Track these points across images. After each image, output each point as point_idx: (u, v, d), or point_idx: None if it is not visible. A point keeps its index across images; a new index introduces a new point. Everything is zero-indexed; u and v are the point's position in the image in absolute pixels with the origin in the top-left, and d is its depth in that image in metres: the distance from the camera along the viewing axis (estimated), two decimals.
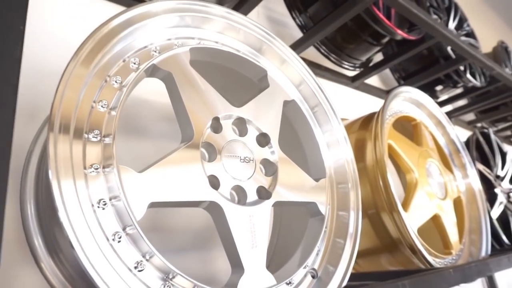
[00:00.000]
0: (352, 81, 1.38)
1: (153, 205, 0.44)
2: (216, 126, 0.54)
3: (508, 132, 2.29)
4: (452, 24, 1.62)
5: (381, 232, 0.83)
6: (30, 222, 0.52)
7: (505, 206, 1.33)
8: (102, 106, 0.45)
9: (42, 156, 0.54)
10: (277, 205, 0.56)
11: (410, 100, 1.02)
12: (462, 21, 1.71)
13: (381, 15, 1.02)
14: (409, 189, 0.87)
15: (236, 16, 0.62)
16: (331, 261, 0.60)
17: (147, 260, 0.42)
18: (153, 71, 0.51)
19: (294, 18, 1.16)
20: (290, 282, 0.53)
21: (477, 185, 1.09)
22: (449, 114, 1.95)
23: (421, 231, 0.83)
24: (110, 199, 0.41)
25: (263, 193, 0.56)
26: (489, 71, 1.44)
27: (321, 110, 0.71)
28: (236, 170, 0.54)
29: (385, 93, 1.54)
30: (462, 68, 1.45)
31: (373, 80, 1.57)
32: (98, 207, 0.40)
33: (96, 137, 0.43)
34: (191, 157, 0.49)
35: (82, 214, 0.38)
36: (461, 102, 1.99)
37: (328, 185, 0.65)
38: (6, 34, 0.34)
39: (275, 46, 0.68)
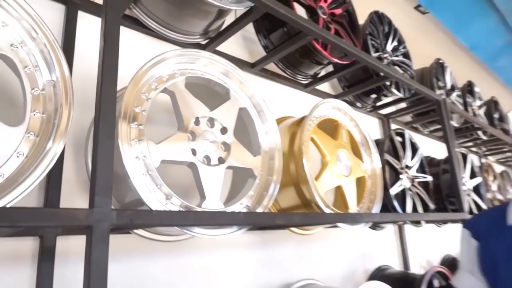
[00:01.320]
0: (305, 87, 1.82)
1: (163, 161, 0.87)
2: (197, 121, 0.98)
3: (440, 133, 2.79)
4: (389, 46, 2.07)
5: (300, 195, 1.29)
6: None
7: (408, 188, 1.82)
8: (139, 110, 0.87)
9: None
10: (229, 168, 1.01)
11: (335, 107, 1.47)
12: (399, 44, 2.16)
13: (318, 47, 1.46)
14: (322, 167, 1.33)
15: (215, 56, 1.05)
16: (258, 202, 1.05)
17: (158, 188, 0.85)
18: (163, 90, 0.94)
19: (259, 40, 1.58)
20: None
21: (379, 170, 1.57)
22: (390, 115, 2.43)
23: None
24: (143, 156, 0.85)
25: (221, 160, 1.00)
26: (409, 86, 1.91)
27: (263, 112, 1.15)
28: (206, 147, 0.98)
29: (332, 97, 1.99)
30: (388, 83, 1.91)
31: (325, 86, 2.02)
32: (138, 159, 0.83)
33: (135, 126, 0.86)
34: (182, 138, 0.93)
35: (130, 162, 0.81)
36: (403, 105, 2.47)
37: (262, 159, 1.10)
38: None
39: (236, 73, 1.11)
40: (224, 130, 1.03)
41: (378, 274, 1.89)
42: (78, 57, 1.07)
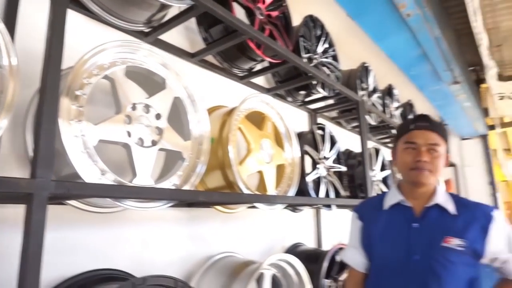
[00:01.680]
0: (240, 79, 1.98)
1: (100, 141, 0.99)
2: (134, 107, 1.10)
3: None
4: (320, 48, 2.30)
5: (225, 177, 1.46)
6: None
7: (324, 176, 2.09)
8: (80, 92, 0.97)
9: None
10: (161, 150, 1.15)
11: (263, 102, 1.66)
12: (330, 46, 2.40)
13: (253, 46, 1.62)
14: (246, 154, 1.52)
15: (154, 49, 1.17)
16: (186, 181, 1.21)
17: (94, 164, 0.97)
18: (104, 77, 1.04)
19: (200, 32, 1.71)
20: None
21: (298, 159, 1.80)
22: (318, 110, 2.69)
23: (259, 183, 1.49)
24: (82, 135, 0.95)
25: (154, 143, 1.14)
26: (332, 87, 2.16)
27: (196, 102, 1.30)
28: (141, 130, 1.10)
29: (265, 90, 2.18)
30: (315, 82, 2.14)
31: (260, 80, 2.20)
32: (77, 137, 0.94)
33: (76, 107, 0.96)
34: (119, 121, 1.04)
35: (69, 139, 0.92)
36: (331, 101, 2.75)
37: (192, 144, 1.25)
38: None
39: (173, 65, 1.23)
40: (158, 116, 1.16)
41: (293, 249, 2.15)
42: (19, 33, 1.12)
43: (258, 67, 2.05)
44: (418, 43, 2.35)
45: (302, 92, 2.30)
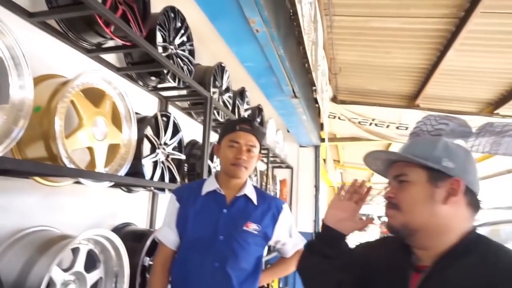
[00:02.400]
0: (88, 52, 1.92)
1: None
2: None
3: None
4: (178, 40, 2.40)
5: (48, 149, 1.42)
6: None
7: (162, 162, 2.19)
8: None
9: None
10: None
11: (105, 80, 1.67)
12: (188, 40, 2.53)
13: (101, 22, 1.62)
14: (76, 128, 1.51)
15: None
16: None
17: None
18: None
19: None
20: None
21: (135, 141, 1.85)
22: (170, 98, 2.78)
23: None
24: None
25: None
26: (182, 78, 2.29)
27: (22, 66, 1.23)
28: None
29: (115, 69, 2.16)
30: (166, 71, 2.23)
31: (111, 57, 2.16)
32: None
33: None
34: None
35: None
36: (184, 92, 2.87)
37: (10, 109, 1.19)
38: None
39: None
40: None
41: (121, 228, 2.20)
42: None
43: (111, 43, 2.02)
44: (266, 56, 2.68)
45: (154, 78, 2.36)
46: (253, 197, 1.63)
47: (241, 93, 3.63)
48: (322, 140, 6.54)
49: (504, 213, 9.51)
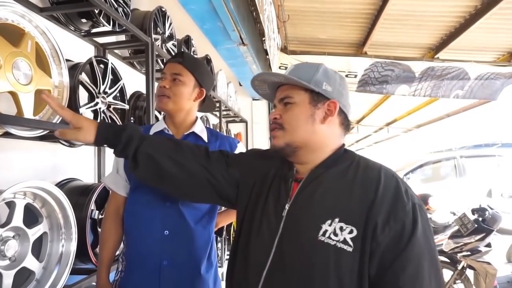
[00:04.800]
0: None
1: None
2: None
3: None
4: None
5: None
6: None
7: (103, 111, 2.06)
8: None
9: None
10: None
11: (20, 15, 1.48)
12: None
13: None
14: None
15: None
16: None
17: None
18: None
19: None
20: None
21: (68, 87, 1.71)
22: (108, 45, 2.57)
23: None
24: None
25: None
26: (117, 20, 2.11)
27: None
28: None
29: (38, 9, 1.92)
30: (97, 11, 2.03)
31: None
32: None
33: None
34: None
35: None
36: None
37: None
38: None
39: None
40: None
41: (64, 184, 2.08)
42: None
43: None
44: None
45: (85, 21, 2.15)
46: (203, 135, 1.58)
47: (186, 42, 3.45)
48: None
49: (444, 155, 10.34)
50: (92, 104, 1.96)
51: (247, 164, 1.22)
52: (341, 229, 0.91)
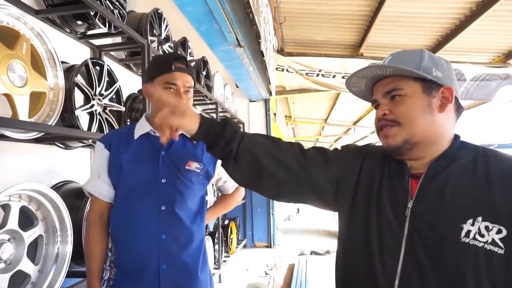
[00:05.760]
0: None
1: None
2: None
3: None
4: None
5: None
6: None
7: (99, 113, 2.06)
8: None
9: None
10: None
11: (15, 17, 1.47)
12: None
13: None
14: None
15: None
16: None
17: None
18: None
19: None
20: None
21: (63, 89, 1.70)
22: (104, 47, 2.57)
23: None
24: None
25: None
26: (112, 22, 2.10)
27: None
28: None
29: (33, 12, 1.92)
30: (93, 13, 2.03)
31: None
32: None
33: None
34: None
35: None
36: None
37: None
38: None
39: None
40: None
41: (60, 186, 2.07)
42: None
43: None
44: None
45: (81, 23, 2.15)
46: None
47: (182, 43, 3.45)
48: (271, 93, 6.55)
49: None
50: (88, 106, 1.95)
51: (347, 161, 1.07)
52: (487, 228, 0.81)
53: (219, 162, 1.57)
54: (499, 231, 0.81)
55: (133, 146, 1.45)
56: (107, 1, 2.19)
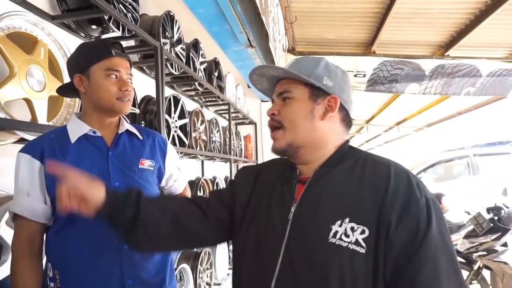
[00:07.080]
0: None
1: None
2: None
3: (168, 78, 3.22)
4: None
5: None
6: None
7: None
8: None
9: None
10: None
11: (33, 23, 1.51)
12: None
13: None
14: (7, 78, 1.37)
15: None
16: None
17: None
18: None
19: None
20: None
21: None
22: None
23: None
24: None
25: None
26: (126, 25, 2.13)
27: None
28: None
29: (49, 17, 1.96)
30: (107, 17, 2.06)
31: (42, 3, 1.95)
32: None
33: None
34: None
35: None
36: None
37: None
38: None
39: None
40: None
41: None
42: None
43: None
44: (216, 0, 2.54)
45: (95, 27, 2.18)
46: (136, 132, 1.41)
47: (194, 45, 3.47)
48: None
49: (456, 153, 10.17)
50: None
51: (240, 182, 1.15)
52: (353, 229, 0.87)
53: (168, 157, 1.49)
54: (362, 232, 0.86)
55: (73, 151, 1.24)
56: (121, 5, 2.22)
